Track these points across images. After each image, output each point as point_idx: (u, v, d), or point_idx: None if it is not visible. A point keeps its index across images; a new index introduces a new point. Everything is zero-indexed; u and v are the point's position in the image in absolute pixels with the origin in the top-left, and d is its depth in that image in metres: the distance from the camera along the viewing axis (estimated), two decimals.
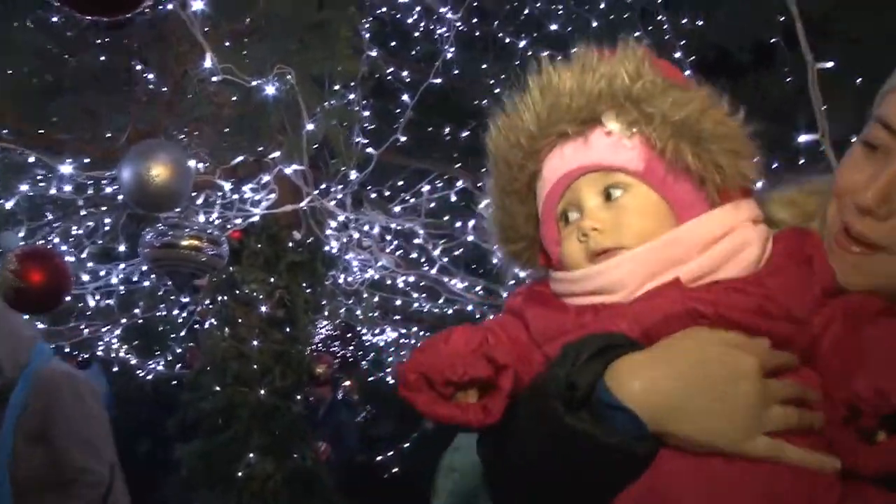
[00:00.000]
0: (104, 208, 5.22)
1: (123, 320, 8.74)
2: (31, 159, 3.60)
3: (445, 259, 6.85)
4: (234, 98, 3.44)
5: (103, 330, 9.01)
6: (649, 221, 1.21)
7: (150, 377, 9.64)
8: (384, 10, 7.31)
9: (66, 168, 3.28)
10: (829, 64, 2.77)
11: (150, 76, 3.20)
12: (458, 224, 6.67)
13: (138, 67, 3.07)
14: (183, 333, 9.08)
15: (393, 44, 9.21)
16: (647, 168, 1.21)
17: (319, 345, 11.73)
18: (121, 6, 2.13)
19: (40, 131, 3.32)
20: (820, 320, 1.15)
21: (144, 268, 6.59)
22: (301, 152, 3.95)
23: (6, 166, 3.89)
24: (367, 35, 7.61)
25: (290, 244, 6.47)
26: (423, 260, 7.08)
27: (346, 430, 8.72)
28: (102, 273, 7.58)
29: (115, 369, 9.94)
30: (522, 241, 1.38)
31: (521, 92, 1.29)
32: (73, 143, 3.36)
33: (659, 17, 7.35)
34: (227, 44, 3.08)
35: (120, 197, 4.12)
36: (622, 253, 1.20)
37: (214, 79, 3.07)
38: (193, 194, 4.18)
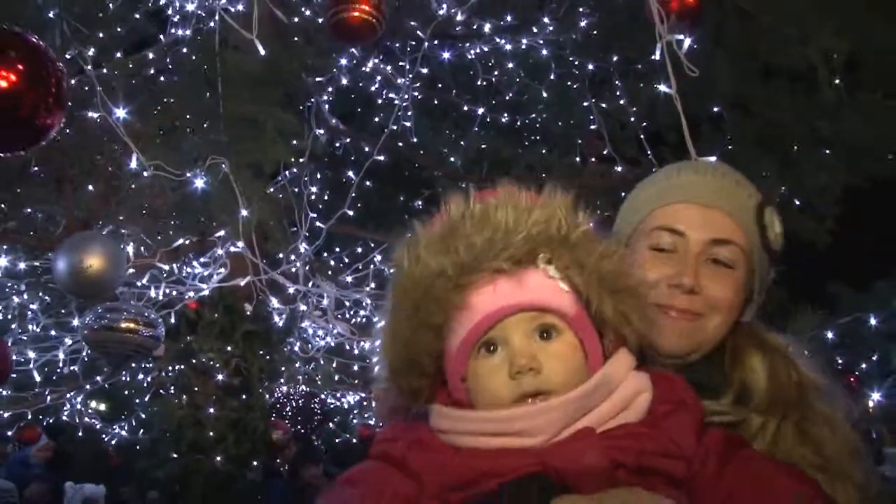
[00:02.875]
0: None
1: (88, 386, 8.80)
2: None
3: None
4: (171, 188, 3.63)
5: (67, 395, 9.05)
6: (572, 368, 1.23)
7: (113, 441, 9.69)
8: (344, 82, 7.58)
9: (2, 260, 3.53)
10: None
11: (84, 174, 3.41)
12: None
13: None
14: (147, 399, 9.18)
15: (358, 110, 9.52)
16: (577, 314, 1.25)
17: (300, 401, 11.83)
18: (12, 138, 2.30)
19: None
20: (698, 458, 1.22)
21: None
22: (239, 234, 4.15)
23: None
24: (326, 106, 7.93)
25: (247, 313, 6.63)
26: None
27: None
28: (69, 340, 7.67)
29: (80, 434, 10.02)
30: (426, 378, 1.29)
31: (445, 221, 1.27)
32: (7, 235, 3.56)
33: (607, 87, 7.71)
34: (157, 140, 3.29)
35: None
36: (549, 398, 1.20)
37: (146, 174, 3.28)
38: (134, 273, 4.37)
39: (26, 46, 2.23)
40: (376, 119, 9.13)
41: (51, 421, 10.03)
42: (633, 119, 7.39)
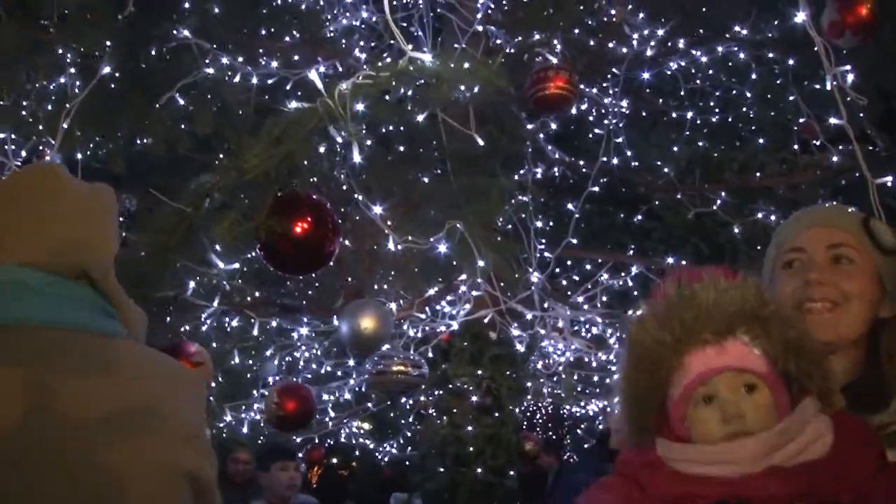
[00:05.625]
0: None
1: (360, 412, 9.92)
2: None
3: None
4: (419, 252, 4.39)
5: (344, 421, 10.25)
6: (766, 414, 1.56)
7: (384, 459, 10.85)
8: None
9: (304, 329, 4.51)
10: None
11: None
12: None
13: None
14: (410, 419, 10.21)
15: (572, 128, 9.93)
16: (769, 373, 1.58)
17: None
18: (311, 266, 3.17)
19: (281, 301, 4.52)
20: (876, 490, 1.49)
21: None
22: (477, 276, 4.85)
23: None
24: (542, 137, 8.47)
25: (493, 340, 7.34)
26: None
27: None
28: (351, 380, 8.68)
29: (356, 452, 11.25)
30: (653, 418, 1.68)
31: (664, 301, 1.64)
32: (303, 307, 4.53)
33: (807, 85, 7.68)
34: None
35: None
36: (748, 437, 1.53)
37: (399, 247, 4.07)
38: (400, 321, 5.25)
39: (311, 202, 3.10)
40: (590, 135, 9.46)
41: (331, 442, 11.35)
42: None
